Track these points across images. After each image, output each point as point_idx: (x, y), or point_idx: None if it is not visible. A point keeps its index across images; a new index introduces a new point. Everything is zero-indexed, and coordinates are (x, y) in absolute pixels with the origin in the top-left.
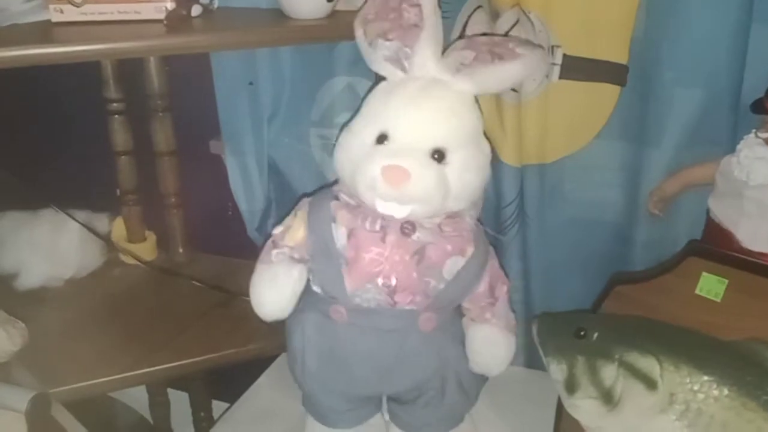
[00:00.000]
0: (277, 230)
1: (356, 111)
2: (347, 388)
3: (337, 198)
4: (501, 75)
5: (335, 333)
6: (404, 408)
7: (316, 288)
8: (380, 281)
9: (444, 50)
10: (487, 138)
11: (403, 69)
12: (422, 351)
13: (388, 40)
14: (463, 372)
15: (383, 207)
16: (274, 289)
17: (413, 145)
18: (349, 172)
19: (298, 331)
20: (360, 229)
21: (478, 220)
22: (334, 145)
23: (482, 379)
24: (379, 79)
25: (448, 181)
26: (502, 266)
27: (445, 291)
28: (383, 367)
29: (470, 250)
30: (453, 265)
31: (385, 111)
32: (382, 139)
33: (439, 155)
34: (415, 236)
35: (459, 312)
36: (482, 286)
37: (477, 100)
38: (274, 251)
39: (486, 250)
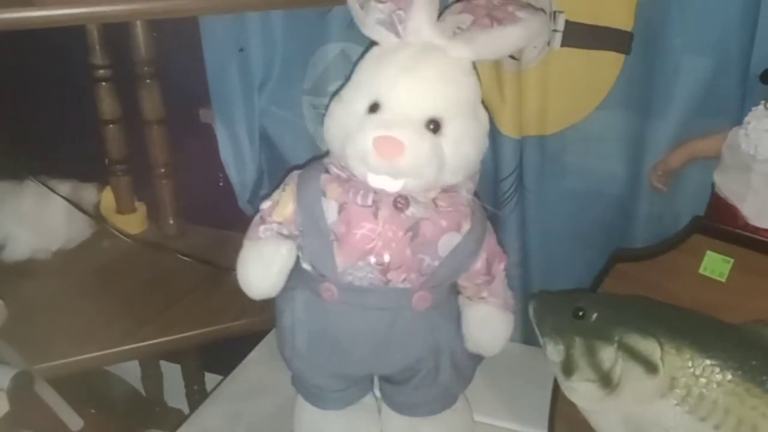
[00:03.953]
0: (265, 205)
1: (347, 78)
2: (338, 368)
3: (327, 171)
4: (500, 40)
5: (326, 312)
6: (397, 388)
7: (305, 265)
8: (373, 259)
9: (440, 14)
10: (485, 108)
11: (397, 33)
12: (415, 330)
13: (381, 2)
14: (458, 351)
15: (375, 180)
16: (261, 267)
17: (407, 115)
18: (340, 143)
19: (288, 310)
20: (351, 204)
21: (475, 193)
22: (324, 114)
23: (477, 359)
24: (371, 44)
25: (444, 153)
26: (499, 242)
27: (440, 268)
28: (375, 347)
29: (466, 226)
30: (448, 242)
31: (377, 79)
32: (374, 108)
33: (434, 126)
34: (408, 211)
35: (454, 289)
36: (479, 264)
37: (475, 67)
38: (262, 227)
39: (483, 225)
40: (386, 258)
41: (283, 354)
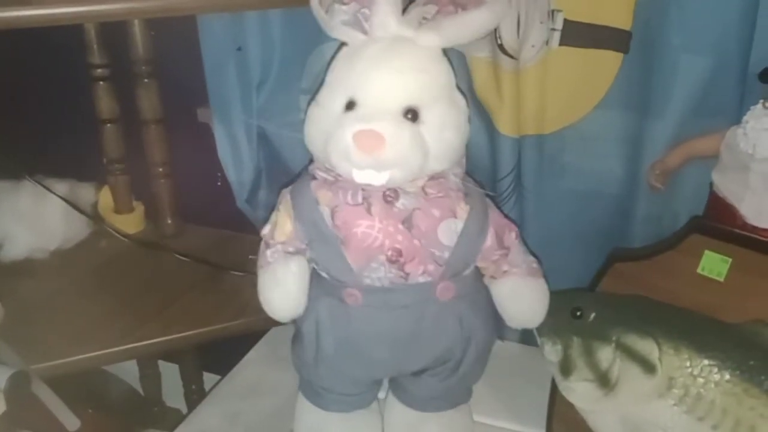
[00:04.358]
0: (265, 230)
1: (321, 82)
2: (364, 373)
3: (314, 177)
4: (466, 24)
5: (350, 318)
6: (415, 379)
7: (324, 274)
8: (384, 256)
9: (405, 9)
10: (462, 93)
11: (364, 31)
12: (443, 321)
13: (344, 3)
14: (481, 341)
15: (360, 176)
16: (279, 289)
17: (384, 107)
18: (321, 146)
19: (311, 318)
20: (343, 205)
21: (468, 175)
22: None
23: (488, 353)
24: (341, 47)
25: (425, 140)
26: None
27: (452, 257)
28: (404, 346)
29: (464, 210)
30: (449, 230)
31: (350, 76)
32: (351, 105)
33: (412, 115)
34: (399, 203)
35: (479, 278)
36: (489, 240)
37: (446, 54)
38: (268, 252)
39: (482, 203)
40: (399, 251)
41: (302, 364)
